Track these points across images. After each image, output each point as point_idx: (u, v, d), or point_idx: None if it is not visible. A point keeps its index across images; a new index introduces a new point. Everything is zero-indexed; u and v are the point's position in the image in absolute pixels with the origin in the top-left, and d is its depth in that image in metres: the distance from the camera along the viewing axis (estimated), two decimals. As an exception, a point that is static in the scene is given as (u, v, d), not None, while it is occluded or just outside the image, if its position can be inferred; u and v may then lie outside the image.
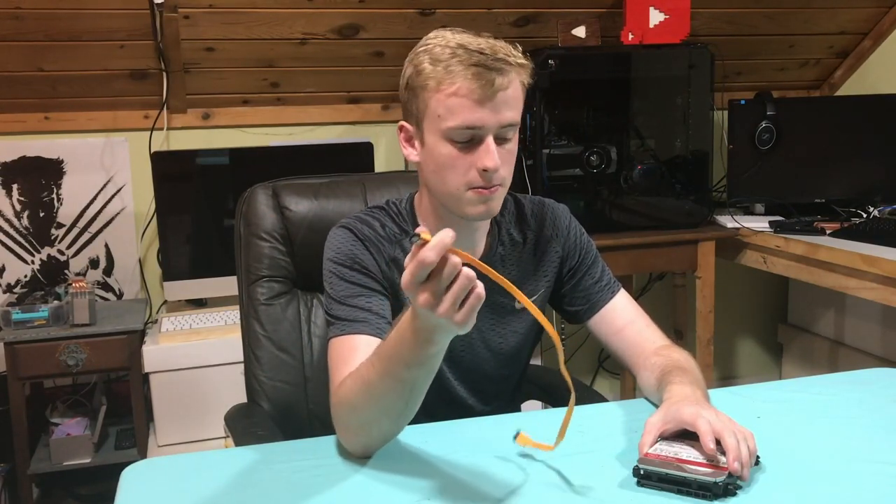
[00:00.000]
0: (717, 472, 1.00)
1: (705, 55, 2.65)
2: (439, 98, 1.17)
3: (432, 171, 1.22)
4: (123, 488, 1.06)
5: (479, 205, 1.21)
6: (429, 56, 1.18)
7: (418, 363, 0.99)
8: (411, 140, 1.25)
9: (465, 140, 1.17)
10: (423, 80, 1.18)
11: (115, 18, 2.45)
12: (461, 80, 1.15)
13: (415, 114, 1.22)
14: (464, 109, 1.15)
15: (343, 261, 1.24)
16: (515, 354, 1.40)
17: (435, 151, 1.20)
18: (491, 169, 1.17)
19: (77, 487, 2.69)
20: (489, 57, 1.15)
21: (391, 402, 1.04)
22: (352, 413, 1.08)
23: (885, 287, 2.24)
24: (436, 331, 0.94)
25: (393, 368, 1.00)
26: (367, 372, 1.05)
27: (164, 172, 2.59)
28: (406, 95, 1.23)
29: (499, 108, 1.16)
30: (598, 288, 1.39)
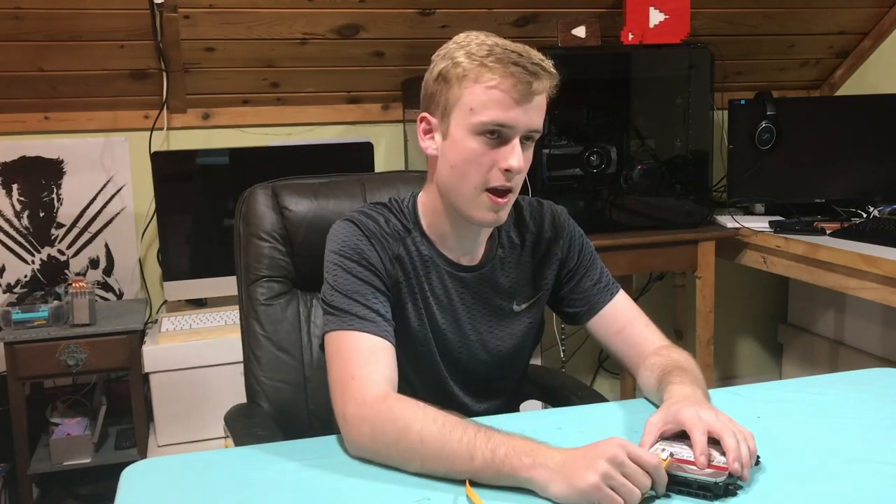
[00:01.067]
0: (718, 472, 1.00)
1: (705, 55, 2.65)
2: (475, 91, 1.17)
3: (452, 165, 1.22)
4: (123, 488, 1.06)
5: (489, 212, 1.22)
6: (465, 51, 1.18)
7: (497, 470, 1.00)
8: (431, 132, 1.25)
9: (494, 137, 1.18)
10: (460, 72, 1.18)
11: (115, 18, 2.45)
12: (500, 77, 1.15)
13: (442, 105, 1.21)
14: (499, 106, 1.16)
15: (349, 254, 1.24)
16: (513, 356, 1.40)
17: (460, 145, 1.20)
18: (514, 169, 1.18)
19: (77, 487, 2.68)
20: (527, 60, 1.16)
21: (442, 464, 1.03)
22: (397, 435, 1.06)
23: (885, 287, 2.24)
24: (556, 469, 0.97)
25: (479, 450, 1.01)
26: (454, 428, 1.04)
27: (164, 172, 2.59)
28: (435, 87, 1.22)
29: (530, 112, 1.18)
30: (597, 289, 1.39)
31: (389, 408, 1.09)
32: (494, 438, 1.02)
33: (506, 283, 1.35)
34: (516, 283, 1.36)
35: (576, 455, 0.97)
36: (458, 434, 1.03)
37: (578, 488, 0.94)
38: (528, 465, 0.98)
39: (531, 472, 0.98)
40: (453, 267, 1.31)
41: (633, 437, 1.13)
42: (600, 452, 0.95)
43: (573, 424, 1.22)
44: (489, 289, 1.34)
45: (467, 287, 1.32)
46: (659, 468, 0.97)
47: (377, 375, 1.14)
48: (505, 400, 1.44)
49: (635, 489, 0.95)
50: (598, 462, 0.94)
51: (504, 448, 1.00)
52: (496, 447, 1.00)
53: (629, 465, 0.95)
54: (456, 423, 1.05)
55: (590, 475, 0.94)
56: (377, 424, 1.08)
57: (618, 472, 0.94)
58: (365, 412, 1.10)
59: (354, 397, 1.12)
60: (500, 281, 1.35)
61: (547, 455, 0.99)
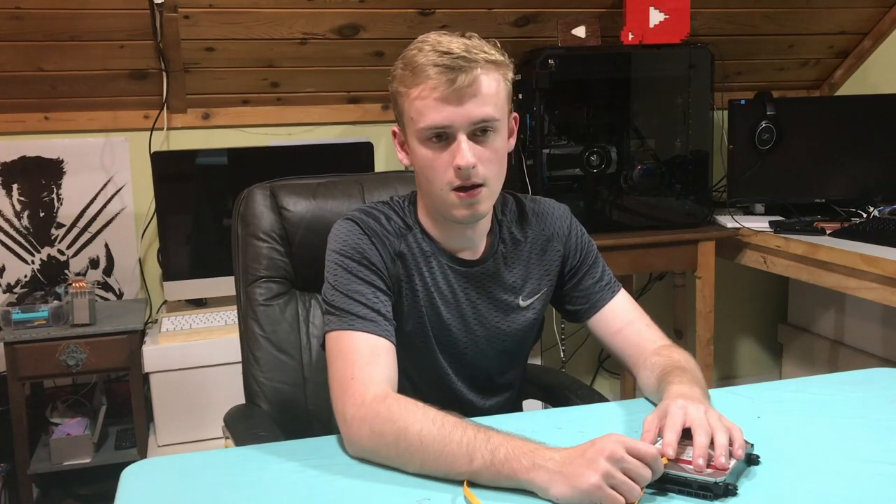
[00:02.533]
0: (718, 472, 1.00)
1: (705, 55, 2.65)
2: (409, 101, 1.19)
3: (418, 173, 1.25)
4: (123, 488, 1.06)
5: (462, 209, 1.23)
6: (403, 62, 1.21)
7: (497, 471, 1.00)
8: (403, 145, 1.28)
9: (438, 141, 1.19)
10: (396, 86, 1.22)
11: (115, 18, 2.45)
12: (425, 80, 1.17)
13: (399, 119, 1.25)
14: (430, 110, 1.17)
15: (350, 254, 1.24)
16: (516, 351, 1.41)
17: (416, 154, 1.23)
18: (463, 167, 1.17)
19: (77, 487, 2.69)
20: (454, 56, 1.15)
21: (442, 463, 1.03)
22: (397, 436, 1.06)
23: (885, 287, 2.24)
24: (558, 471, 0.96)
25: (478, 450, 1.01)
26: (451, 427, 1.04)
27: (164, 172, 2.59)
28: (392, 102, 1.26)
29: (466, 106, 1.17)
30: (598, 288, 1.40)
31: (388, 408, 1.09)
32: (494, 439, 1.01)
33: (510, 279, 1.36)
34: (521, 279, 1.37)
35: (574, 454, 0.97)
36: (458, 435, 1.03)
37: (580, 489, 0.94)
38: (527, 467, 0.98)
39: (531, 475, 0.98)
40: (456, 262, 1.32)
41: (634, 437, 1.13)
42: (599, 450, 0.95)
43: (573, 424, 1.22)
44: (494, 284, 1.35)
45: (471, 282, 1.33)
46: (657, 459, 0.98)
47: (377, 376, 1.14)
48: (509, 396, 1.44)
49: (635, 486, 0.95)
50: (598, 461, 0.94)
51: (504, 449, 1.00)
52: (496, 448, 1.00)
53: (629, 460, 0.95)
54: (455, 424, 1.04)
55: (591, 475, 0.94)
56: (376, 425, 1.08)
57: (618, 470, 0.94)
58: (364, 413, 1.10)
59: (354, 398, 1.12)
60: (504, 276, 1.35)
61: (546, 456, 0.98)
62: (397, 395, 1.12)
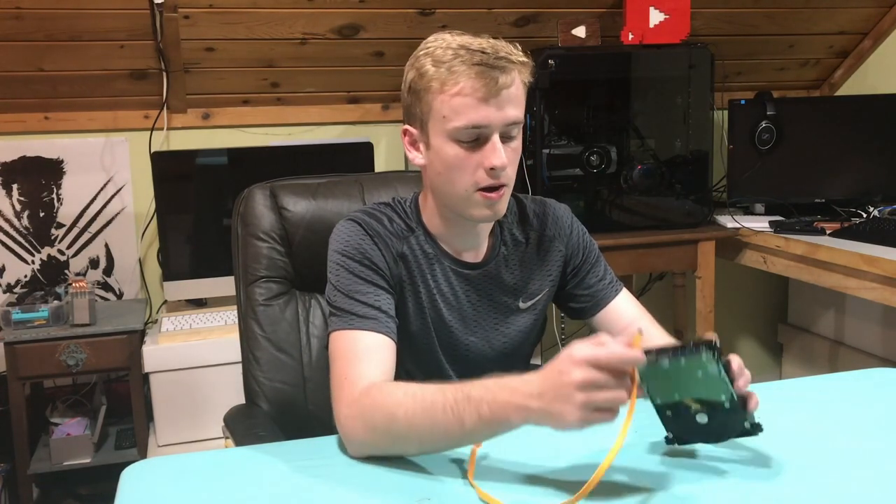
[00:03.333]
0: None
1: (705, 55, 2.65)
2: (444, 99, 1.17)
3: (439, 173, 1.23)
4: (123, 488, 1.06)
5: (485, 208, 1.22)
6: (431, 58, 1.19)
7: (488, 419, 1.00)
8: (416, 143, 1.26)
9: (472, 139, 1.18)
10: (426, 83, 1.19)
11: (115, 18, 2.45)
12: (465, 80, 1.15)
13: (419, 117, 1.22)
14: (468, 109, 1.16)
15: (352, 254, 1.24)
16: (517, 352, 1.41)
17: (442, 153, 1.20)
18: (498, 167, 1.18)
19: (77, 487, 2.68)
20: (491, 56, 1.16)
21: (437, 434, 1.04)
22: (390, 420, 1.06)
23: (885, 287, 2.24)
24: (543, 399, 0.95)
25: (465, 408, 1.01)
26: (433, 395, 1.04)
27: (164, 172, 2.59)
28: (409, 99, 1.23)
29: (503, 106, 1.17)
30: (602, 286, 1.40)
31: (373, 399, 1.09)
32: (474, 395, 1.01)
33: (511, 281, 1.36)
34: (521, 281, 1.37)
35: (549, 386, 0.95)
36: (441, 404, 1.03)
37: (568, 425, 0.94)
38: (513, 416, 0.98)
39: (520, 420, 0.98)
40: (458, 264, 1.32)
41: (634, 437, 1.13)
42: (569, 383, 0.92)
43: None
44: (494, 286, 1.35)
45: (473, 285, 1.33)
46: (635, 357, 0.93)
47: (368, 372, 1.13)
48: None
49: (618, 395, 0.93)
50: (572, 395, 0.92)
51: (487, 405, 1.00)
52: (479, 405, 1.00)
53: (600, 379, 0.92)
54: (436, 393, 1.04)
55: (570, 412, 0.93)
56: (367, 419, 1.08)
57: (595, 393, 0.92)
58: (355, 410, 1.10)
59: (345, 398, 1.12)
60: (504, 278, 1.35)
61: (526, 393, 0.97)
62: (380, 384, 1.11)
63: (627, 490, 1.01)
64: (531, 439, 1.06)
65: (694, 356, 0.97)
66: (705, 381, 1.00)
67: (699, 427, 1.03)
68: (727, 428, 1.03)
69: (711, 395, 1.01)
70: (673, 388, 1.02)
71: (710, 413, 1.02)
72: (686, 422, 1.04)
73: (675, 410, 1.03)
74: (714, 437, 1.05)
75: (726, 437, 1.05)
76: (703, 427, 1.03)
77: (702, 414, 1.02)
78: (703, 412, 1.02)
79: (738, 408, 1.02)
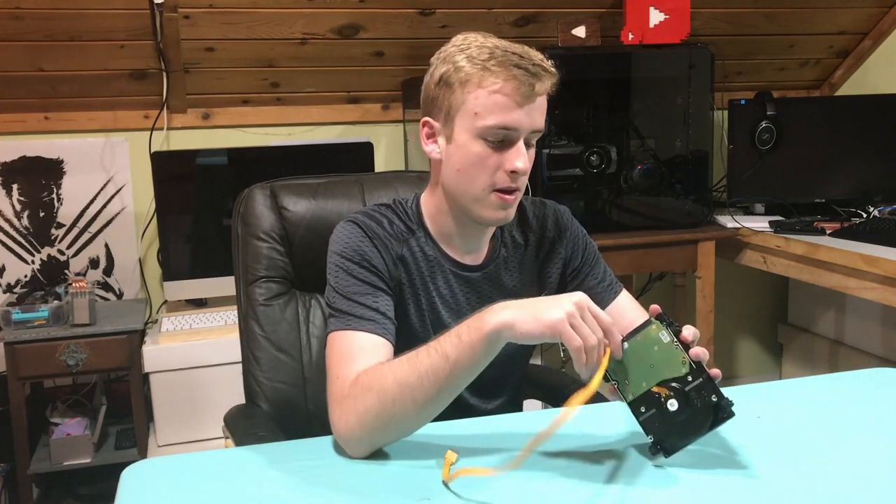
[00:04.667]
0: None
1: (705, 55, 2.65)
2: (479, 95, 1.18)
3: (457, 169, 1.22)
4: (123, 488, 1.06)
5: (499, 210, 1.23)
6: (466, 55, 1.19)
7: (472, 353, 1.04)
8: (434, 136, 1.25)
9: (498, 140, 1.19)
10: (462, 76, 1.19)
11: (115, 18, 2.45)
12: (504, 80, 1.16)
13: (445, 109, 1.22)
14: (503, 109, 1.17)
15: (351, 256, 1.24)
16: (516, 353, 1.40)
17: (465, 149, 1.20)
18: (521, 171, 1.19)
19: (77, 487, 2.69)
20: (529, 61, 1.17)
21: (428, 384, 1.06)
22: (379, 403, 1.07)
23: (885, 287, 2.24)
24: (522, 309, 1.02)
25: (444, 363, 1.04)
26: (409, 363, 1.07)
27: (164, 172, 2.59)
28: (437, 91, 1.22)
29: (533, 113, 1.18)
30: (601, 288, 1.40)
31: (361, 385, 1.09)
32: (451, 329, 1.07)
33: (510, 283, 1.35)
34: (521, 283, 1.36)
35: (538, 298, 1.05)
36: (423, 351, 1.07)
37: (543, 321, 1.00)
38: (490, 320, 1.03)
39: (498, 320, 1.02)
40: (458, 267, 1.32)
41: (634, 437, 1.13)
42: (567, 295, 1.03)
43: (573, 424, 1.22)
44: (494, 289, 1.34)
45: (472, 287, 1.33)
46: (614, 330, 1.04)
47: (357, 369, 1.13)
48: (509, 398, 1.44)
49: (592, 335, 1.01)
50: (565, 301, 1.01)
51: (465, 327, 1.05)
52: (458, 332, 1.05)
53: (595, 309, 1.03)
54: (414, 351, 1.08)
55: (556, 311, 1.00)
56: (358, 406, 1.08)
57: (580, 316, 1.01)
58: (345, 405, 1.10)
59: (335, 395, 1.12)
60: (504, 281, 1.35)
61: (503, 304, 1.04)
62: (366, 369, 1.11)
63: (627, 490, 1.01)
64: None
65: (645, 329, 1.07)
66: (662, 354, 1.05)
67: (673, 416, 1.04)
68: (698, 411, 1.04)
69: (673, 371, 1.05)
70: (639, 377, 1.06)
71: (679, 396, 1.04)
72: (660, 414, 1.05)
73: (647, 404, 1.06)
74: (693, 429, 1.05)
75: (702, 423, 1.04)
76: (677, 416, 1.04)
77: (672, 400, 1.04)
78: (671, 397, 1.04)
79: (699, 377, 1.04)
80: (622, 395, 1.07)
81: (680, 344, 1.05)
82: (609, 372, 1.06)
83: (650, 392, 1.05)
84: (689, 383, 1.04)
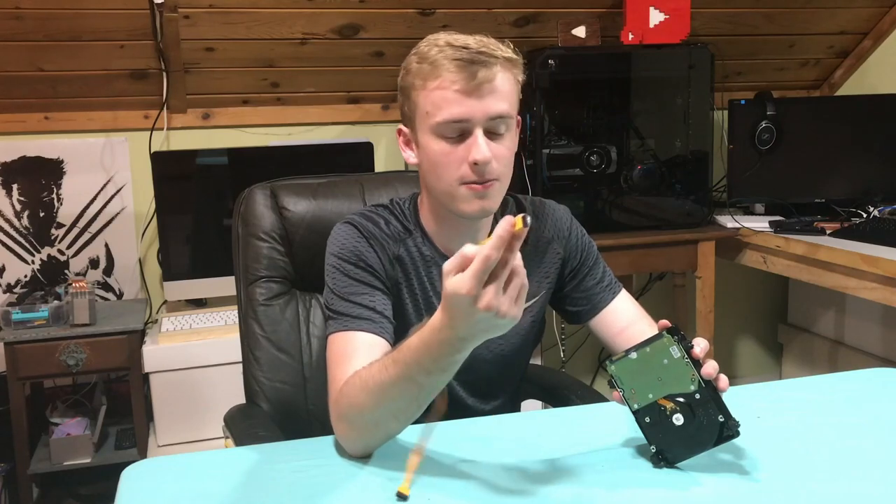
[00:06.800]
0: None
1: (705, 55, 2.65)
2: (426, 94, 1.18)
3: (427, 170, 1.23)
4: (123, 488, 1.06)
5: (473, 200, 1.21)
6: (417, 56, 1.20)
7: (440, 369, 0.99)
8: (409, 143, 1.26)
9: (455, 134, 1.18)
10: (411, 79, 1.20)
11: (115, 18, 2.45)
12: (445, 73, 1.16)
13: (408, 115, 1.23)
14: (449, 103, 1.16)
15: (347, 257, 1.24)
16: (516, 355, 1.40)
17: (427, 149, 1.21)
18: (481, 162, 1.17)
19: (77, 487, 2.68)
20: (473, 51, 1.15)
21: (404, 404, 1.04)
22: (359, 413, 1.07)
23: (885, 287, 2.24)
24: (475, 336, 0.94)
25: (412, 373, 0.99)
26: (380, 375, 1.03)
27: (164, 172, 2.59)
28: (400, 98, 1.25)
29: (485, 100, 1.16)
30: (599, 288, 1.40)
31: (342, 395, 1.10)
32: (422, 342, 0.98)
33: None
34: None
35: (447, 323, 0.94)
36: (400, 364, 1.00)
37: (493, 332, 0.94)
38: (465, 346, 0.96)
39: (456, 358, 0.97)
40: None
41: (634, 438, 1.13)
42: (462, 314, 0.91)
43: (573, 424, 1.22)
44: None
45: None
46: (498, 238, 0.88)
47: (353, 370, 1.12)
48: (507, 399, 1.44)
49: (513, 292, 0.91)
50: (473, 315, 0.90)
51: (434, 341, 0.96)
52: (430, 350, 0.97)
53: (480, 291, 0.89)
54: (390, 359, 1.02)
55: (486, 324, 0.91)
56: (344, 415, 1.09)
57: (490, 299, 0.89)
58: (335, 411, 1.11)
59: (331, 398, 1.13)
60: None
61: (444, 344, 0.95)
62: (347, 379, 1.10)
63: (627, 490, 1.01)
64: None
65: (656, 342, 1.05)
66: (671, 368, 1.04)
67: (678, 431, 1.04)
68: (703, 428, 1.03)
69: (681, 386, 1.04)
70: (646, 387, 1.05)
71: (685, 411, 1.04)
72: (665, 426, 1.05)
73: (652, 415, 1.05)
74: (696, 443, 1.05)
75: (707, 440, 1.04)
76: (681, 431, 1.04)
77: (677, 414, 1.04)
78: (677, 412, 1.04)
79: (707, 397, 1.03)
80: (627, 402, 1.07)
81: (691, 360, 1.04)
82: (616, 378, 1.06)
83: (656, 404, 1.05)
84: (697, 401, 1.03)
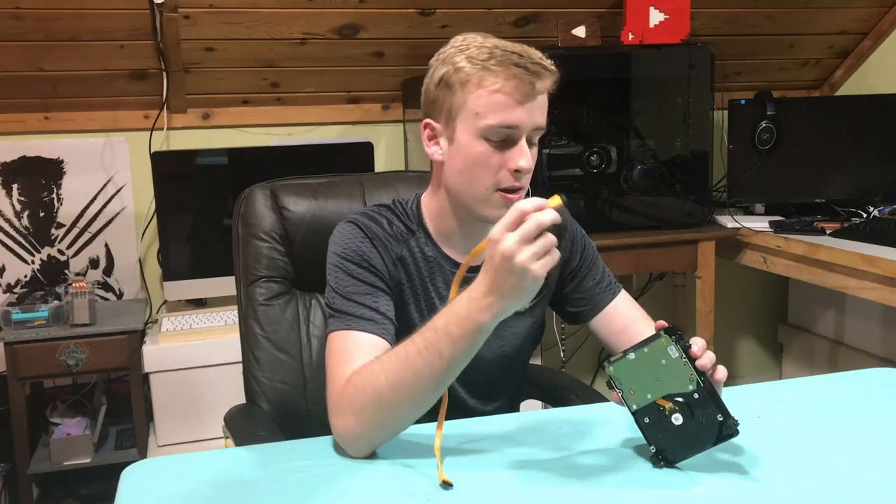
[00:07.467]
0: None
1: (705, 55, 2.65)
2: (479, 95, 1.17)
3: (460, 169, 1.22)
4: (123, 488, 1.06)
5: (503, 209, 1.21)
6: (465, 55, 1.19)
7: (464, 337, 1.03)
8: (436, 138, 1.25)
9: (501, 139, 1.18)
10: (462, 77, 1.18)
11: (115, 18, 2.45)
12: (504, 80, 1.16)
13: (446, 111, 1.21)
14: (504, 108, 1.16)
15: (350, 256, 1.24)
16: (516, 356, 1.40)
17: (468, 149, 1.20)
18: (524, 169, 1.19)
19: (77, 487, 2.68)
20: (528, 60, 1.17)
21: (423, 381, 1.05)
22: (373, 398, 1.07)
23: (885, 287, 2.24)
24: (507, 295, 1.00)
25: (439, 344, 1.04)
26: (403, 350, 1.07)
27: (164, 172, 2.59)
28: (437, 93, 1.22)
29: (534, 111, 1.18)
30: (599, 289, 1.40)
31: (354, 385, 1.10)
32: (438, 326, 1.05)
33: None
34: None
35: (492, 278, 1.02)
36: (414, 351, 1.06)
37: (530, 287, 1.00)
38: (482, 316, 1.03)
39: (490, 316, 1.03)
40: (457, 267, 1.31)
41: (634, 438, 1.13)
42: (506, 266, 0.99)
43: (573, 424, 1.22)
44: None
45: None
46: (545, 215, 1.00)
47: (351, 370, 1.13)
48: (507, 399, 1.44)
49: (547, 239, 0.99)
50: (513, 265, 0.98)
51: (454, 326, 1.04)
52: (447, 330, 1.04)
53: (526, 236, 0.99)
54: (406, 347, 1.07)
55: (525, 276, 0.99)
56: (353, 405, 1.09)
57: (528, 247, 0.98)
58: (340, 406, 1.10)
59: (332, 396, 1.13)
60: None
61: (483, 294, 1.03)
62: (357, 369, 1.11)
63: (627, 490, 1.01)
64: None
65: (654, 342, 1.06)
66: (670, 368, 1.05)
67: (677, 430, 1.04)
68: (702, 427, 1.03)
69: (679, 386, 1.04)
70: (645, 388, 1.06)
71: (684, 411, 1.04)
72: (664, 426, 1.05)
73: (651, 415, 1.06)
74: (696, 443, 1.05)
75: (706, 439, 1.04)
76: (681, 430, 1.04)
77: (676, 414, 1.04)
78: (676, 411, 1.04)
79: (706, 396, 1.04)
80: (626, 403, 1.07)
81: (689, 360, 1.04)
82: (615, 379, 1.07)
83: (655, 404, 1.05)
84: (695, 400, 1.03)
